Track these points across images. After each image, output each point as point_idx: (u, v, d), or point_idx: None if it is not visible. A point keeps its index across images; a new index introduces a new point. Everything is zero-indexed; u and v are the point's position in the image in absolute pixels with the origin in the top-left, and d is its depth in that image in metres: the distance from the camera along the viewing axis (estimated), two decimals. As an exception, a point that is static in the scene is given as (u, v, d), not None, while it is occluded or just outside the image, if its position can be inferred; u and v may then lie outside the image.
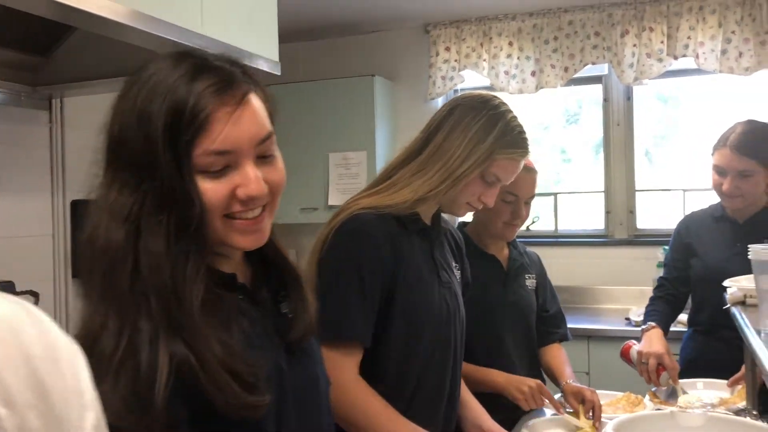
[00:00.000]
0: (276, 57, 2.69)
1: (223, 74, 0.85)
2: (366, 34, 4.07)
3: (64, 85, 2.70)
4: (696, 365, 2.06)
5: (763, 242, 1.39)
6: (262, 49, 2.61)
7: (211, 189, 0.84)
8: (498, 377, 1.80)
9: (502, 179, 1.52)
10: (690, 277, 2.28)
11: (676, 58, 3.45)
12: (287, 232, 1.47)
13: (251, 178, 0.85)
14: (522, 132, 1.52)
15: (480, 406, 1.70)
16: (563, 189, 4.07)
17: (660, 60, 3.48)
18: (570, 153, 4.17)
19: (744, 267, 1.65)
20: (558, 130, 4.18)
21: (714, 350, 2.16)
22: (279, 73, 2.69)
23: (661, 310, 2.25)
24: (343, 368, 1.36)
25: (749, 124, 2.15)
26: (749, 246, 1.35)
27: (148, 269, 0.79)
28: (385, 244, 1.42)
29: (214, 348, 0.79)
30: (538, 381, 1.79)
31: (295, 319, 0.96)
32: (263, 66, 2.63)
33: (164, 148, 0.80)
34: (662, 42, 3.47)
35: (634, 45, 3.51)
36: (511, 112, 1.53)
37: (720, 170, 2.14)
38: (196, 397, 0.77)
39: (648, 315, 2.24)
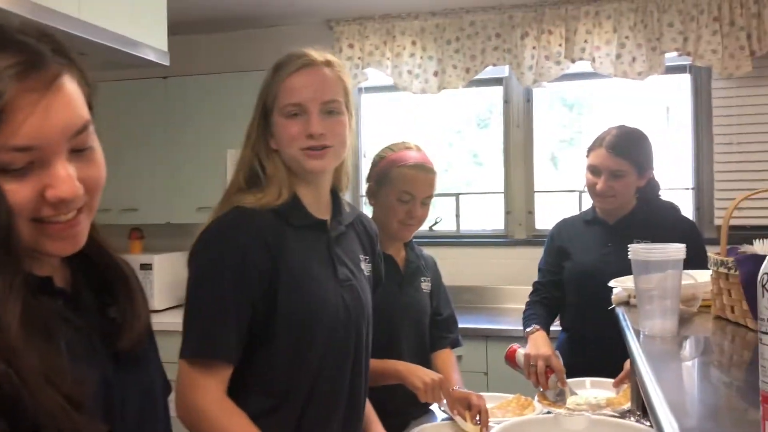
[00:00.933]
0: (164, 46, 2.55)
1: (28, 51, 0.72)
2: (268, 27, 3.95)
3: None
4: (574, 367, 2.06)
5: (633, 242, 1.41)
6: (149, 37, 2.47)
7: (13, 190, 0.71)
8: (399, 365, 1.74)
9: (296, 100, 1.36)
10: (563, 280, 2.31)
11: (573, 61, 3.51)
12: (183, 232, 1.38)
13: (62, 177, 0.73)
14: (290, 54, 1.42)
15: (373, 413, 1.63)
16: (473, 190, 4.09)
17: (558, 63, 3.53)
18: (481, 156, 4.20)
19: (616, 267, 1.68)
20: (471, 134, 4.20)
21: (590, 351, 2.17)
22: (167, 64, 2.55)
23: (540, 313, 2.26)
24: (204, 389, 1.26)
25: (622, 128, 2.22)
26: (629, 246, 1.34)
27: None
28: (257, 245, 1.31)
29: (37, 365, 0.68)
30: (441, 376, 1.75)
31: (124, 324, 0.85)
32: (150, 56, 2.49)
33: None
34: (560, 45, 3.52)
35: (534, 47, 3.55)
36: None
37: (594, 170, 2.19)
38: (17, 418, 0.66)
39: (528, 319, 2.24)
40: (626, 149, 2.14)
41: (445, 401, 1.75)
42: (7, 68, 0.69)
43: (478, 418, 1.70)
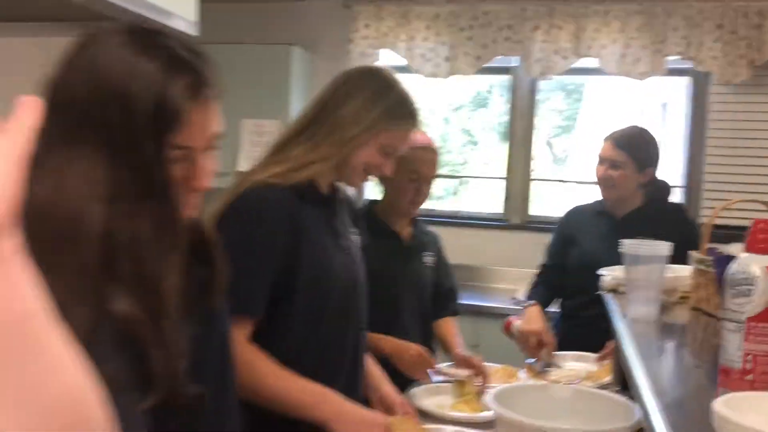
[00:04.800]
0: (193, 16, 2.63)
1: (197, 72, 0.90)
2: (289, 1, 4.06)
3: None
4: (566, 346, 2.27)
5: (636, 238, 1.57)
6: (178, 6, 2.56)
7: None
8: (385, 344, 1.91)
9: (395, 149, 1.54)
10: (567, 265, 2.49)
11: (580, 57, 3.66)
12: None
13: (208, 171, 0.93)
14: (413, 103, 1.56)
15: (380, 372, 1.79)
16: (468, 170, 4.24)
17: (565, 58, 3.67)
18: (476, 136, 4.33)
19: (617, 259, 1.85)
20: (467, 113, 4.33)
21: (583, 332, 2.37)
22: (197, 34, 2.65)
23: (540, 291, 2.46)
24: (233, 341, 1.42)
25: (634, 126, 2.42)
26: (622, 241, 1.51)
27: (129, 256, 0.80)
28: (282, 221, 1.45)
29: (173, 332, 0.83)
30: (419, 348, 1.93)
31: (214, 284, 1.00)
32: (179, 25, 2.57)
33: (146, 137, 0.83)
34: (569, 41, 3.67)
35: (543, 41, 3.69)
36: (400, 83, 1.56)
37: (600, 159, 2.39)
38: (140, 365, 0.80)
39: (528, 296, 2.45)
40: (627, 143, 2.34)
41: (439, 366, 1.93)
42: (186, 88, 0.87)
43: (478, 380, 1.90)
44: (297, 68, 3.87)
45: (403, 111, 1.55)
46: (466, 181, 4.20)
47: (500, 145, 4.22)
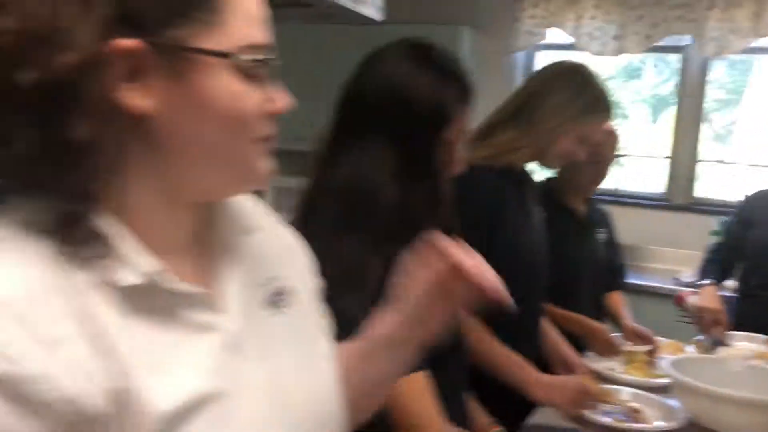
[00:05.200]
0: (380, 1, 2.72)
1: (462, 82, 1.14)
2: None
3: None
4: (740, 325, 2.32)
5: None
6: (369, -7, 2.71)
7: None
8: (580, 325, 2.09)
9: (591, 139, 1.74)
10: (744, 247, 2.51)
11: (759, 36, 3.54)
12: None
13: (461, 160, 1.20)
14: (609, 97, 1.74)
15: (559, 336, 1.95)
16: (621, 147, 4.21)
17: (743, 37, 3.56)
18: (626, 109, 4.26)
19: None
20: (617, 84, 4.28)
21: (758, 312, 2.41)
22: (383, 18, 2.73)
23: (715, 270, 2.50)
24: None
25: None
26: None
27: (407, 222, 1.04)
28: (487, 200, 1.63)
29: None
30: (609, 333, 2.10)
31: None
32: (368, 11, 2.69)
33: (424, 133, 1.09)
34: (748, 19, 3.55)
35: (720, 20, 3.60)
36: (598, 79, 1.75)
37: None
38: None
39: (703, 273, 2.50)
40: None
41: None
42: (453, 95, 1.12)
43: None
44: (465, 47, 4.02)
45: (601, 105, 1.73)
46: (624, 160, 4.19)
47: (651, 119, 4.16)
